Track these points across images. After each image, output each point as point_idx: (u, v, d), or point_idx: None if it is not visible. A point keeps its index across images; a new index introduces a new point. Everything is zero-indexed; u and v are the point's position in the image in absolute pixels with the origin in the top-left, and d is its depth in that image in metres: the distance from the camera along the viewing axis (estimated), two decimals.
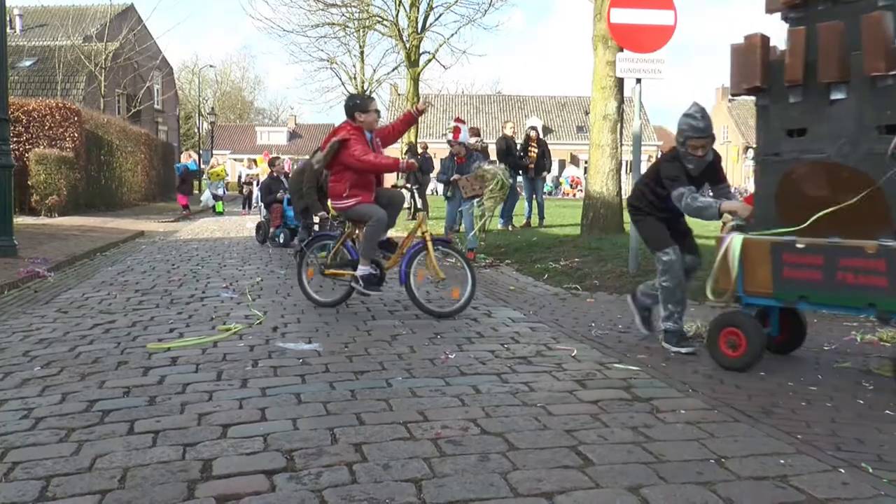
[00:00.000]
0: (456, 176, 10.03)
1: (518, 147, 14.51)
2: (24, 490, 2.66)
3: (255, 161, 25.87)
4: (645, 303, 5.36)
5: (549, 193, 38.20)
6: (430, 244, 6.13)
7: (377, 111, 6.48)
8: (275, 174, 13.01)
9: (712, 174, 5.08)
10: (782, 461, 2.94)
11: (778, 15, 4.46)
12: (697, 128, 4.78)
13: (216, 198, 23.11)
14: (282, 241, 12.02)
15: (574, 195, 47.48)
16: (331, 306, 6.43)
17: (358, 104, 6.34)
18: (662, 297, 5.01)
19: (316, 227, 10.01)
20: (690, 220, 5.20)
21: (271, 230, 12.37)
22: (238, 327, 5.48)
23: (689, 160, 4.87)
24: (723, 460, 2.94)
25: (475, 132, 14.07)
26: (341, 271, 6.39)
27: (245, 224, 17.30)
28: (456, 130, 10.29)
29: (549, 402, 3.70)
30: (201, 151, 44.12)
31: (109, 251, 11.55)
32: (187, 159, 21.70)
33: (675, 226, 5.14)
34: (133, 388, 3.94)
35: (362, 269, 6.16)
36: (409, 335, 5.30)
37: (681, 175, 4.83)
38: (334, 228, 8.00)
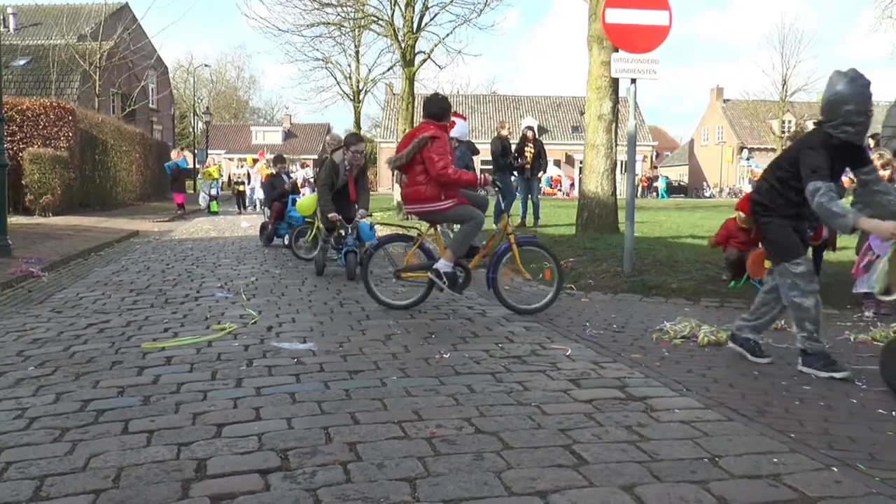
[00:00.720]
0: None
1: (514, 147, 14.53)
2: (17, 490, 2.66)
3: (244, 160, 25.85)
4: (744, 337, 4.74)
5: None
6: (515, 247, 6.16)
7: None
8: (275, 172, 12.93)
9: (854, 157, 4.35)
10: (775, 460, 2.95)
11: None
12: (866, 97, 4.10)
13: (210, 198, 23.10)
14: (286, 241, 11.51)
15: (555, 194, 47.56)
16: (406, 308, 6.24)
17: (448, 106, 6.21)
18: (797, 317, 4.41)
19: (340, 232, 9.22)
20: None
21: (269, 227, 12.23)
22: (233, 327, 5.47)
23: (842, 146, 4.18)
24: (716, 459, 2.95)
25: None
26: (418, 273, 6.21)
27: (240, 224, 17.28)
28: (451, 124, 10.34)
29: (544, 401, 3.71)
30: (196, 151, 44.07)
31: (104, 251, 11.53)
32: (177, 157, 21.65)
33: (799, 227, 4.57)
34: (127, 387, 3.94)
35: (445, 265, 5.95)
36: (403, 335, 5.30)
37: (825, 167, 4.14)
38: (348, 234, 8.15)
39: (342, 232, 8.24)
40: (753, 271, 6.47)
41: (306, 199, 10.17)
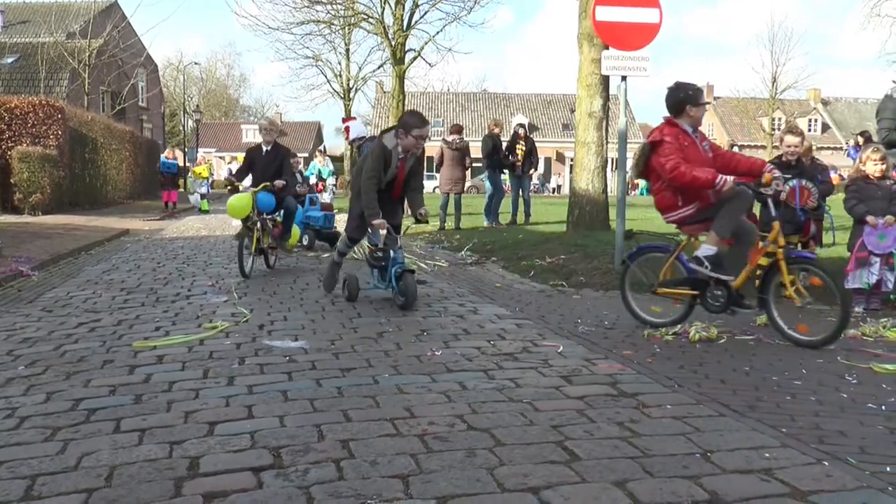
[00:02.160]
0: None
1: (505, 145, 14.55)
2: (8, 489, 2.64)
3: (235, 158, 25.78)
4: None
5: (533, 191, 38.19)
6: (783, 264, 5.07)
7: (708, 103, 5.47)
8: (291, 171, 12.47)
9: None
10: (767, 454, 2.96)
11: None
12: None
13: (201, 196, 23.06)
14: (305, 242, 11.12)
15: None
16: (663, 326, 5.47)
17: (690, 95, 5.37)
18: None
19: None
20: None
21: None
22: (224, 325, 5.46)
23: None
24: (708, 454, 2.96)
25: (457, 129, 14.10)
26: (678, 290, 5.53)
27: (231, 222, 17.22)
28: (346, 130, 10.65)
29: (536, 398, 3.72)
30: (186, 149, 43.93)
31: (94, 250, 11.48)
32: (170, 156, 21.57)
33: None
34: (119, 386, 3.93)
35: (708, 249, 5.24)
36: (395, 332, 5.30)
37: None
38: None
39: (384, 245, 6.48)
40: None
41: (238, 198, 8.23)
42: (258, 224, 8.17)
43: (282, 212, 8.77)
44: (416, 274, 6.52)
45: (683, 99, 5.34)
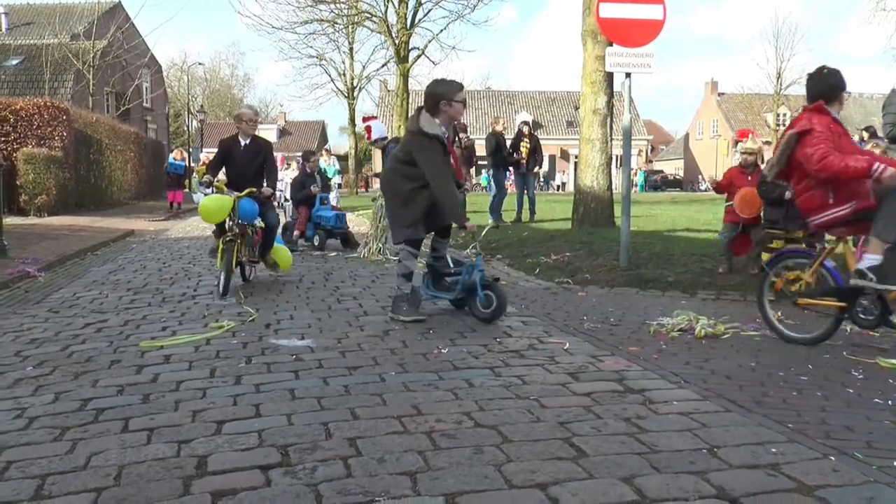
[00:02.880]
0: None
1: (509, 143, 14.55)
2: (18, 489, 2.66)
3: None
4: None
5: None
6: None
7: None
8: (308, 170, 11.91)
9: None
10: (774, 450, 2.96)
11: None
12: None
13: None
14: (316, 243, 11.15)
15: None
16: (806, 344, 4.93)
17: (843, 82, 4.84)
18: None
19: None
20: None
21: (296, 233, 11.38)
22: (231, 324, 5.47)
23: None
24: (715, 450, 2.96)
25: (462, 128, 14.10)
26: (821, 301, 4.94)
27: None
28: (368, 130, 10.55)
29: (543, 394, 3.72)
30: (191, 149, 43.98)
31: (100, 250, 11.52)
32: (179, 157, 21.60)
33: None
34: (126, 386, 3.94)
35: (872, 259, 4.57)
36: (401, 330, 5.31)
37: None
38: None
39: (435, 247, 6.00)
40: (741, 207, 6.70)
41: (215, 200, 7.03)
42: (236, 232, 6.97)
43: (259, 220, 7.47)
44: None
45: (836, 85, 4.84)
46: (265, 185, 7.32)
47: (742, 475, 2.71)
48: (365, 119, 11.42)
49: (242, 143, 7.49)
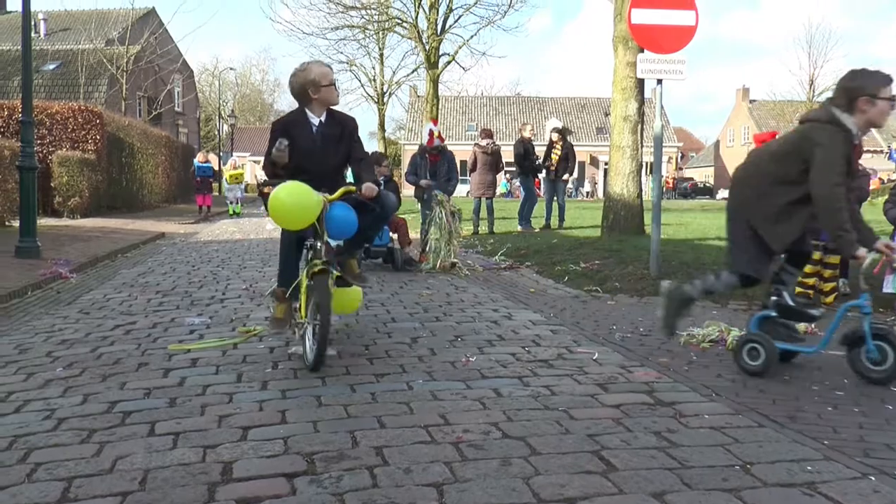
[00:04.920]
0: (424, 181, 10.02)
1: (538, 150, 14.50)
2: (46, 491, 2.66)
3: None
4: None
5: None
6: None
7: None
8: (382, 178, 9.75)
9: None
10: (810, 468, 2.88)
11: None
12: None
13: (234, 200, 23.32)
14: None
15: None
16: None
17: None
18: None
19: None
20: None
21: None
22: (258, 329, 5.48)
23: None
24: (748, 466, 2.89)
25: (488, 134, 14.07)
26: None
27: (265, 226, 17.35)
28: (431, 135, 10.25)
29: (571, 405, 3.66)
30: (221, 153, 44.41)
31: (130, 252, 11.63)
32: (203, 160, 21.76)
33: None
34: (154, 389, 3.95)
35: None
36: (429, 338, 5.27)
37: None
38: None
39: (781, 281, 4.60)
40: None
41: (298, 193, 4.37)
42: (319, 253, 4.53)
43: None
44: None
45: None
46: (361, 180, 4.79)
47: (776, 494, 2.64)
48: (435, 122, 11.06)
49: (314, 120, 4.86)
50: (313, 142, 4.81)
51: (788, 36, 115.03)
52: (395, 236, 9.49)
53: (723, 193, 55.09)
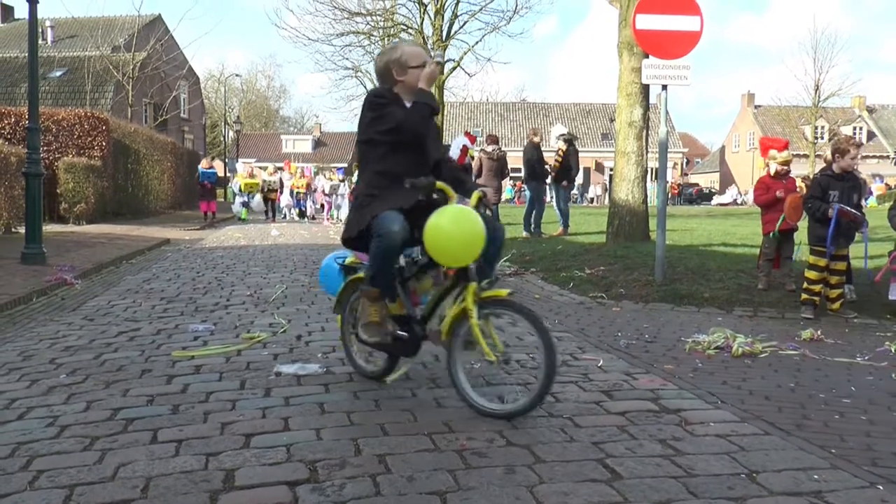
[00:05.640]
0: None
1: (547, 156, 14.50)
2: (48, 498, 2.65)
3: (279, 168, 25.93)
4: None
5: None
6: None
7: None
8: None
9: None
10: (816, 476, 2.86)
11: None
12: None
13: (242, 205, 23.39)
14: None
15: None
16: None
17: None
18: None
19: None
20: None
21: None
22: (262, 336, 5.47)
23: None
24: (754, 475, 2.87)
25: (493, 140, 14.05)
26: None
27: (270, 232, 17.37)
28: (464, 151, 9.99)
29: (576, 413, 3.64)
30: (227, 160, 44.50)
31: (135, 259, 11.64)
32: (207, 166, 21.81)
33: None
34: (157, 396, 3.94)
35: None
36: (433, 345, 5.24)
37: None
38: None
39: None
40: (791, 214, 6.69)
41: (458, 219, 3.65)
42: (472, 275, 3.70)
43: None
44: None
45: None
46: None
47: (783, 503, 2.62)
48: (469, 137, 10.50)
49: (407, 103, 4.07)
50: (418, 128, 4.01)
51: (793, 41, 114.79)
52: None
53: (718, 199, 54.96)
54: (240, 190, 23.50)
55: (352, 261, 4.36)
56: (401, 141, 3.94)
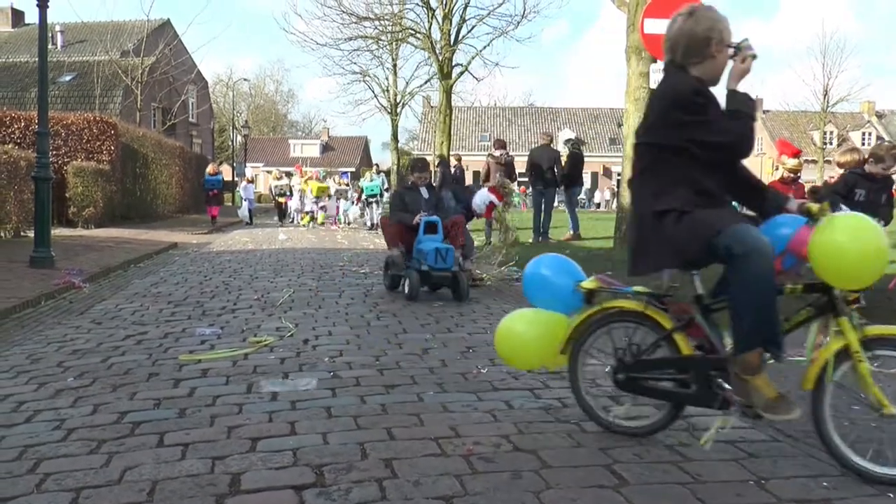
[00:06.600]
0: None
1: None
2: (55, 501, 2.66)
3: (287, 173, 25.94)
4: None
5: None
6: None
7: None
8: (411, 182, 8.57)
9: None
10: (826, 483, 2.84)
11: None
12: None
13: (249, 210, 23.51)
14: (406, 289, 7.69)
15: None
16: None
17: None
18: None
19: None
20: None
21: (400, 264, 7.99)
22: (269, 339, 5.47)
23: None
24: (763, 482, 2.85)
25: (501, 144, 14.04)
26: None
27: (277, 236, 17.40)
28: (491, 208, 9.82)
29: (583, 418, 3.62)
30: (235, 164, 44.62)
31: (143, 263, 11.67)
32: (212, 172, 21.80)
33: None
34: (163, 399, 3.94)
35: None
36: (440, 349, 5.25)
37: None
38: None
39: None
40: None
41: None
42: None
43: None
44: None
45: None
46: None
47: None
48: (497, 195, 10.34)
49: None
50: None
51: (802, 46, 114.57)
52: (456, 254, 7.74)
53: None
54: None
55: (595, 283, 3.69)
56: (722, 158, 3.21)
